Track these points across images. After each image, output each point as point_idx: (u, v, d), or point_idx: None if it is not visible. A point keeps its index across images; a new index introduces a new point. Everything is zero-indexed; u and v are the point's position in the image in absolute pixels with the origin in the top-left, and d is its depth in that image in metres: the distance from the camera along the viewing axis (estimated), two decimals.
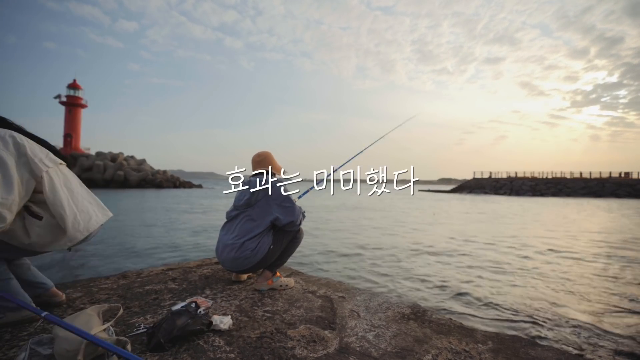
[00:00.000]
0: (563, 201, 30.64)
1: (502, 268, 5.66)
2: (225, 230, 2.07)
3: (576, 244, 8.11)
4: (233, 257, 1.93)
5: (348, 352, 1.30)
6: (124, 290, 1.91)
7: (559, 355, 1.36)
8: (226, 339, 1.36)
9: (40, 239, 1.39)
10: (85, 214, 1.50)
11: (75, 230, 1.43)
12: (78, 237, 1.45)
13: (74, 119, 44.21)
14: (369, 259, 6.25)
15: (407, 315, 1.70)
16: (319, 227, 10.60)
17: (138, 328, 1.41)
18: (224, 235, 2.04)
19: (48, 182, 1.39)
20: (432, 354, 1.31)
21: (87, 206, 1.54)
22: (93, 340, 1.02)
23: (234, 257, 1.92)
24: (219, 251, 2.03)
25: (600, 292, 4.40)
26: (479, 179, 54.57)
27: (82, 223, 1.46)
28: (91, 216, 1.52)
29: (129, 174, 39.43)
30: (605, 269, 5.66)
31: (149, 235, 8.40)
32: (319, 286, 2.12)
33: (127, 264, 5.59)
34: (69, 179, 1.54)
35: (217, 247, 2.05)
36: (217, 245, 2.05)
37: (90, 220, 1.51)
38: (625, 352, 2.68)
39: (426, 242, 8.21)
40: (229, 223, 2.08)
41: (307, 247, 7.35)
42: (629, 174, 45.44)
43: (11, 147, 1.32)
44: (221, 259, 2.02)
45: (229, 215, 2.11)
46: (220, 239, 2.06)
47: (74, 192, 1.51)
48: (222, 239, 2.04)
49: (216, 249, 2.06)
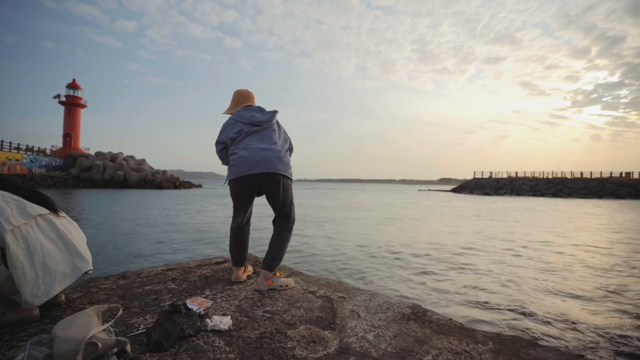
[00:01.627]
0: (564, 201, 30.61)
1: (503, 268, 5.66)
2: (248, 139, 1.99)
3: (576, 244, 8.10)
4: (273, 157, 1.94)
5: (348, 353, 1.30)
6: (124, 291, 1.90)
7: (559, 355, 1.35)
8: (226, 339, 1.36)
9: (3, 287, 1.36)
10: (50, 276, 1.40)
11: (34, 296, 1.35)
12: (35, 303, 1.36)
13: (74, 118, 44.20)
14: (369, 259, 6.25)
15: (408, 316, 1.69)
16: (319, 227, 10.60)
17: (138, 328, 1.40)
18: (251, 142, 1.98)
19: (12, 244, 1.33)
20: (432, 355, 1.31)
21: (57, 265, 1.44)
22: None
23: (275, 156, 1.95)
24: (247, 157, 1.94)
25: (601, 292, 4.39)
26: (479, 179, 54.56)
27: (42, 287, 1.37)
28: (56, 278, 1.42)
29: (128, 174, 39.42)
30: (606, 269, 5.65)
31: (148, 235, 8.40)
32: (319, 286, 2.11)
33: (127, 264, 5.59)
34: (46, 232, 1.48)
35: (241, 155, 1.95)
36: (241, 154, 1.95)
37: (54, 283, 1.41)
38: (626, 353, 2.68)
39: (426, 242, 8.21)
40: (246, 138, 2.00)
41: (307, 247, 7.35)
42: (630, 174, 45.42)
43: None
44: (254, 159, 1.93)
45: (240, 133, 2.02)
46: (241, 148, 1.97)
47: (45, 249, 1.42)
48: (247, 146, 1.96)
49: (237, 159, 1.96)
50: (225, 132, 2.09)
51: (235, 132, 2.04)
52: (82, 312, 1.24)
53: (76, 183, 36.49)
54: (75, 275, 1.50)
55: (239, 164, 1.97)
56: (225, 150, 2.12)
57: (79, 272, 1.51)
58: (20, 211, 1.44)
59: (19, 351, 1.14)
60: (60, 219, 1.62)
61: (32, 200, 1.56)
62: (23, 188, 1.59)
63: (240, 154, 1.98)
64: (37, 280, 1.37)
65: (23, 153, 35.23)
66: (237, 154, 1.99)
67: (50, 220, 1.54)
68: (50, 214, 1.57)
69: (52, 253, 1.45)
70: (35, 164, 35.87)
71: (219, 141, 2.12)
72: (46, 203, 1.61)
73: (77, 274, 1.51)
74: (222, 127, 2.13)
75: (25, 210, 1.46)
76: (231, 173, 2.01)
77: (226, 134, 2.08)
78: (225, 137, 2.07)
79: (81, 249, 1.58)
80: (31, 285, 1.35)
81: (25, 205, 1.48)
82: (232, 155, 2.02)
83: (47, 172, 36.34)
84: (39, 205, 1.55)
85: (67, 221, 1.66)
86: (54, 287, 1.41)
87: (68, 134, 43.65)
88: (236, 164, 1.98)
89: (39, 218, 1.49)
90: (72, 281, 1.49)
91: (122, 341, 1.16)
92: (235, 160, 1.98)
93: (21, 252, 1.36)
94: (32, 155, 36.11)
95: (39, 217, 1.50)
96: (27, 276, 1.34)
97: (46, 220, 1.52)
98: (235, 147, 2.02)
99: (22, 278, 1.33)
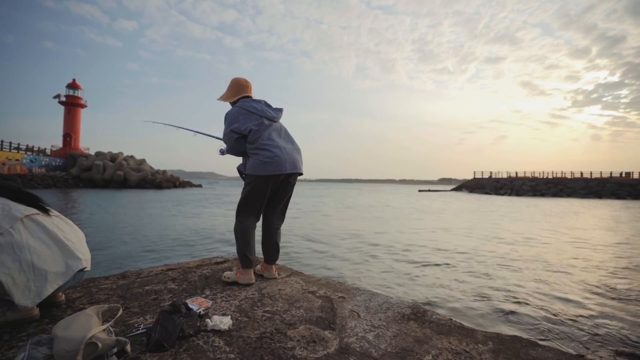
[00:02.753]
0: (567, 201, 30.63)
1: (503, 268, 5.66)
2: (272, 135, 2.03)
3: (577, 245, 8.10)
4: (300, 159, 2.10)
5: (348, 353, 1.30)
6: (124, 291, 1.90)
7: (559, 355, 1.35)
8: (226, 339, 1.36)
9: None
10: (41, 277, 1.40)
11: (26, 298, 1.36)
12: (28, 305, 1.37)
13: (74, 118, 44.20)
14: (369, 259, 6.25)
15: (408, 316, 1.69)
16: (318, 227, 10.60)
17: (138, 328, 1.40)
18: (277, 139, 2.04)
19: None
20: (432, 355, 1.31)
21: (47, 265, 1.43)
22: None
23: (300, 158, 2.11)
24: (282, 156, 1.98)
25: (602, 292, 4.39)
26: (479, 179, 54.58)
27: (33, 289, 1.37)
28: (47, 278, 1.42)
29: (128, 174, 39.41)
30: (607, 268, 5.65)
31: (148, 235, 8.39)
32: (319, 286, 2.11)
33: (127, 264, 5.59)
34: (34, 232, 1.47)
35: (276, 154, 1.97)
36: (275, 153, 1.97)
37: (45, 284, 1.41)
38: (626, 353, 2.67)
39: (426, 241, 8.21)
40: (266, 131, 2.02)
41: (306, 247, 7.35)
42: (630, 174, 45.42)
43: None
44: (290, 160, 2.02)
45: (261, 126, 2.02)
46: (272, 145, 2.00)
47: (33, 251, 1.41)
48: (277, 144, 2.01)
49: (272, 157, 1.96)
50: (239, 121, 2.01)
51: (255, 124, 2.00)
52: (82, 312, 1.24)
53: (76, 183, 36.49)
54: (68, 274, 1.49)
55: (275, 163, 1.97)
56: (241, 140, 2.04)
57: (72, 271, 1.51)
58: (5, 214, 1.43)
59: (19, 351, 1.14)
60: (51, 218, 1.61)
61: (20, 201, 1.55)
62: (10, 189, 1.57)
63: (274, 152, 1.98)
64: (27, 282, 1.37)
65: (23, 153, 35.24)
66: (269, 150, 1.98)
67: (37, 220, 1.52)
68: (38, 214, 1.55)
69: (41, 254, 1.44)
70: (35, 164, 35.87)
71: (235, 130, 2.01)
72: (34, 203, 1.59)
73: (70, 273, 1.50)
74: (231, 116, 2.05)
75: (10, 213, 1.44)
76: (264, 169, 1.97)
77: (244, 125, 2.00)
78: (244, 128, 1.99)
79: (75, 247, 1.57)
80: (22, 288, 1.35)
81: (11, 208, 1.46)
82: (262, 150, 1.98)
83: (47, 172, 36.35)
84: (26, 206, 1.53)
85: (59, 220, 1.65)
86: (45, 287, 1.41)
87: (68, 134, 43.64)
88: (272, 162, 1.97)
89: (25, 219, 1.48)
90: (64, 280, 1.48)
91: (122, 341, 1.16)
92: (270, 158, 1.97)
93: (7, 257, 1.35)
94: (32, 155, 36.12)
95: (26, 218, 1.48)
96: (16, 280, 1.34)
97: (34, 221, 1.50)
98: (262, 142, 2.00)
99: (11, 283, 1.33)
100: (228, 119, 2.06)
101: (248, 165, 2.03)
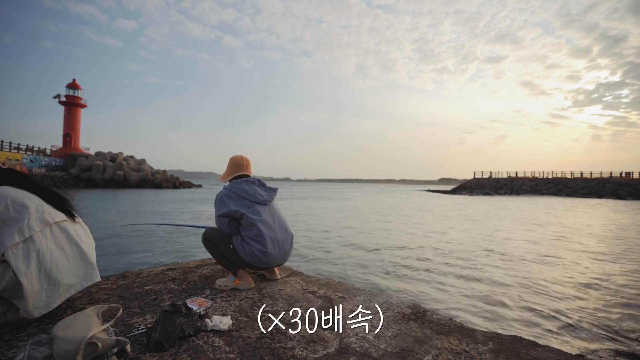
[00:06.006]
0: (569, 201, 30.62)
1: (502, 268, 5.66)
2: (264, 225, 1.99)
3: (578, 245, 8.10)
4: (290, 249, 2.11)
5: (348, 353, 1.30)
6: (124, 291, 1.90)
7: (559, 355, 1.35)
8: (226, 339, 1.36)
9: (7, 291, 1.36)
10: (53, 288, 1.40)
11: (34, 307, 1.36)
12: (34, 315, 1.37)
13: (74, 118, 44.20)
14: (369, 259, 6.25)
15: (407, 316, 1.69)
16: (319, 227, 10.59)
17: (138, 328, 1.40)
18: (270, 230, 2.00)
19: (20, 255, 1.34)
20: (432, 355, 1.31)
21: (62, 277, 1.43)
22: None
23: (291, 248, 2.12)
24: (270, 252, 1.96)
25: (602, 292, 4.39)
26: (480, 179, 54.54)
27: (44, 299, 1.38)
28: (58, 291, 1.42)
29: (128, 174, 39.41)
30: (607, 268, 5.65)
31: (148, 235, 8.39)
32: (319, 286, 2.11)
33: (127, 264, 5.59)
34: (58, 240, 1.47)
35: (265, 249, 1.95)
36: (266, 248, 1.95)
37: (55, 296, 1.42)
38: (625, 353, 2.67)
39: (426, 242, 8.21)
40: (259, 218, 1.98)
41: (306, 247, 7.35)
42: (630, 174, 45.40)
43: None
44: (280, 255, 2.02)
45: (251, 207, 2.01)
46: (262, 235, 1.96)
47: (53, 260, 1.42)
48: (271, 236, 1.99)
49: (263, 252, 1.95)
50: (228, 205, 2.00)
51: (247, 210, 1.99)
52: (82, 312, 1.24)
53: (76, 183, 36.49)
54: (79, 286, 1.52)
55: (265, 259, 1.97)
56: (233, 222, 2.02)
57: (87, 282, 1.54)
58: (38, 216, 1.44)
59: (19, 351, 1.14)
60: (75, 225, 1.62)
61: (50, 202, 1.55)
62: (43, 188, 1.57)
63: (267, 248, 1.96)
64: (40, 292, 1.37)
65: (23, 153, 35.23)
66: (262, 245, 1.96)
67: (65, 228, 1.53)
68: (66, 221, 1.56)
69: (59, 264, 1.45)
70: (35, 164, 35.86)
71: (225, 215, 2.00)
72: (64, 207, 1.60)
73: (84, 285, 1.53)
74: (220, 199, 2.04)
75: (42, 216, 1.45)
76: (252, 260, 1.97)
77: (234, 208, 1.98)
78: (234, 211, 1.98)
79: (91, 258, 1.58)
80: (35, 297, 1.36)
81: (44, 211, 1.47)
82: (255, 242, 1.96)
83: (47, 172, 36.32)
84: (56, 210, 1.54)
85: (80, 227, 1.66)
86: (54, 300, 1.42)
87: (68, 134, 43.64)
88: (261, 258, 1.96)
89: (54, 226, 1.49)
90: (74, 293, 1.50)
91: (122, 341, 1.16)
92: (262, 254, 1.96)
93: (33, 262, 1.36)
94: (32, 155, 36.12)
95: (55, 224, 1.49)
96: (34, 287, 1.35)
97: (61, 228, 1.51)
98: (256, 233, 1.97)
99: (30, 288, 1.34)
100: (216, 204, 2.07)
101: (237, 243, 1.99)
